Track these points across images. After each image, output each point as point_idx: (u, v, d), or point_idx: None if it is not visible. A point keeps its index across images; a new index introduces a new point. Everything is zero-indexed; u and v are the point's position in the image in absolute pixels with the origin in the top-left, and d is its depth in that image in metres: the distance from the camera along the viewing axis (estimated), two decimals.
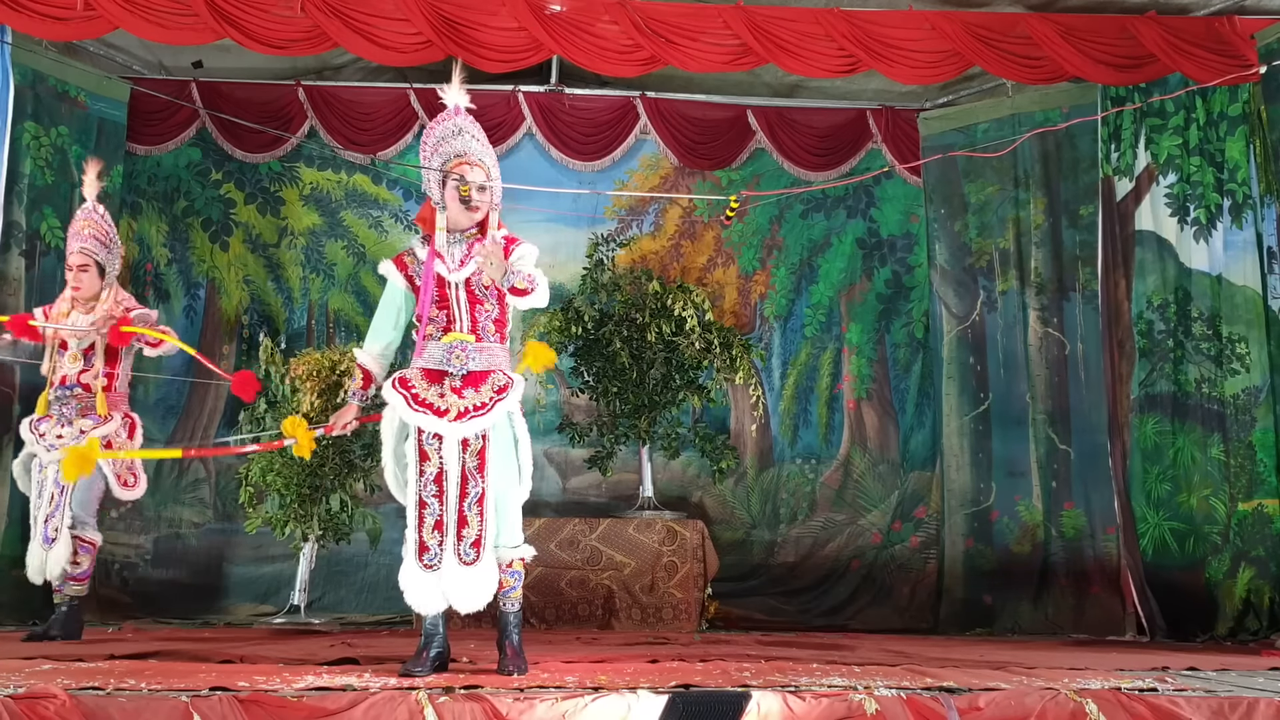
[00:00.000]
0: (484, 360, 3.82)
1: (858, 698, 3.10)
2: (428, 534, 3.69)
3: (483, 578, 3.66)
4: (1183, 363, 6.40)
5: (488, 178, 3.91)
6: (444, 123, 3.93)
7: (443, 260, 3.86)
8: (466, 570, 3.65)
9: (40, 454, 5.15)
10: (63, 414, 5.19)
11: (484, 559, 3.67)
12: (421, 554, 3.69)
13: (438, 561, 3.67)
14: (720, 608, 6.85)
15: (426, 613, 3.76)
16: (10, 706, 2.77)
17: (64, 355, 5.26)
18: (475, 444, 3.73)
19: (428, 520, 3.70)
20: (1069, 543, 6.88)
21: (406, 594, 3.71)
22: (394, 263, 3.99)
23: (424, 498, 3.72)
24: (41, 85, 6.79)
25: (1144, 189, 6.63)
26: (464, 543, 3.67)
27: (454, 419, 3.70)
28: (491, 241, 3.79)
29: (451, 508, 3.69)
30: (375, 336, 4.02)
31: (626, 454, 7.33)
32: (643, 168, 8.02)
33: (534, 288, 3.83)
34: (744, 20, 6.15)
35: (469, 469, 3.71)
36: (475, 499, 3.70)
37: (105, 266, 5.33)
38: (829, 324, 7.94)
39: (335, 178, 7.81)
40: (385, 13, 6.01)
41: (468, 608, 3.67)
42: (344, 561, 7.22)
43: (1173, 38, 6.08)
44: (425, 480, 3.72)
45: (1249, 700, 3.23)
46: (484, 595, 3.67)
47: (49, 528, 5.05)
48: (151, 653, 4.42)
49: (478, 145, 3.93)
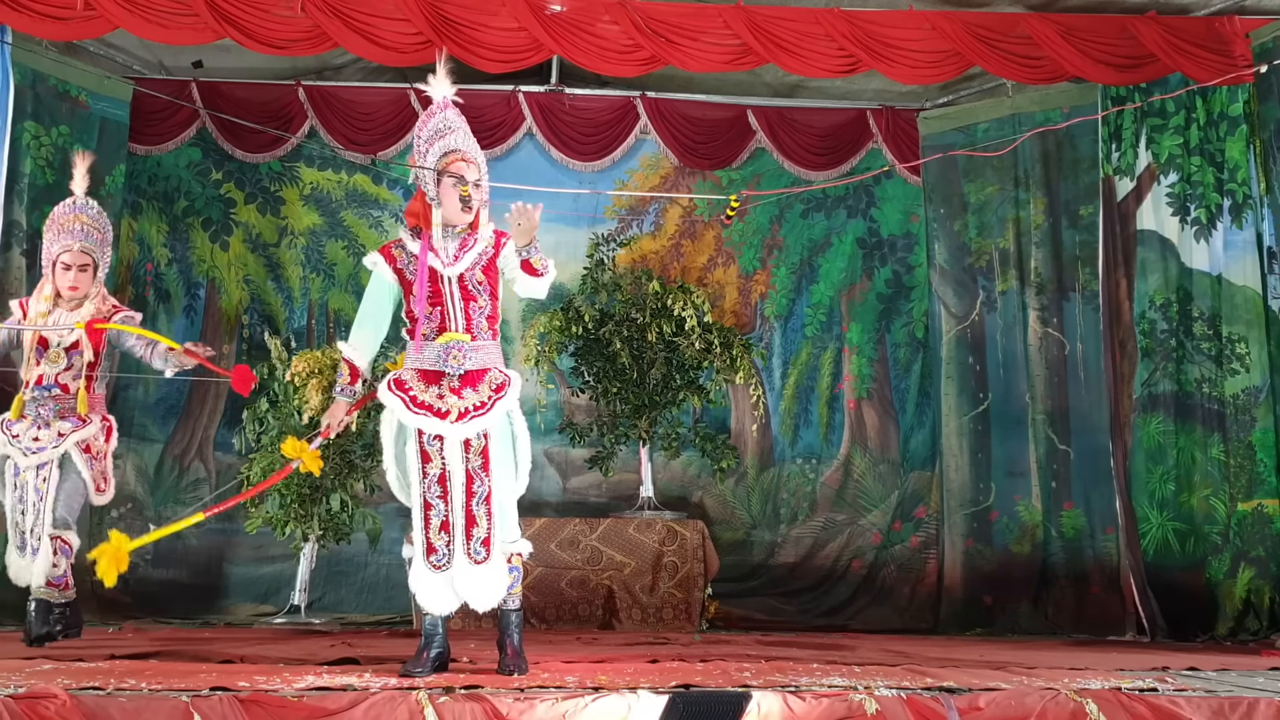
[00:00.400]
0: (480, 359, 3.82)
1: (858, 698, 3.10)
2: (434, 535, 3.71)
3: (494, 575, 3.70)
4: (1184, 362, 6.40)
5: (480, 174, 3.93)
6: (433, 117, 3.93)
7: (437, 255, 3.86)
8: (478, 569, 3.68)
9: (16, 457, 4.90)
10: (39, 415, 4.94)
11: (494, 557, 3.71)
12: (429, 555, 3.70)
13: (446, 562, 3.69)
14: (720, 608, 6.85)
15: (440, 613, 3.77)
16: (11, 706, 2.77)
17: (44, 354, 4.99)
18: (478, 443, 3.74)
19: (434, 521, 3.72)
20: (1068, 543, 6.88)
21: (418, 596, 3.73)
22: (381, 254, 3.95)
23: (429, 499, 3.73)
24: (42, 85, 6.78)
25: (1145, 188, 6.62)
26: (474, 541, 3.69)
27: (455, 420, 3.71)
28: (530, 206, 3.76)
29: (458, 508, 3.70)
30: (361, 328, 3.98)
31: (627, 454, 7.33)
32: (643, 167, 8.01)
33: (546, 271, 3.87)
34: (744, 20, 6.14)
35: (473, 469, 3.72)
36: (483, 498, 3.72)
37: (100, 265, 5.16)
38: (829, 323, 7.93)
39: (335, 177, 7.81)
40: (385, 13, 6.01)
41: (483, 606, 3.71)
42: (344, 561, 7.22)
43: (1173, 37, 6.08)
44: (429, 481, 3.73)
45: (1249, 700, 3.24)
46: (497, 592, 3.71)
47: (32, 537, 4.85)
48: (152, 653, 4.43)
49: (469, 141, 3.95)
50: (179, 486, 7.32)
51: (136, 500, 7.22)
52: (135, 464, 7.24)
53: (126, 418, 7.25)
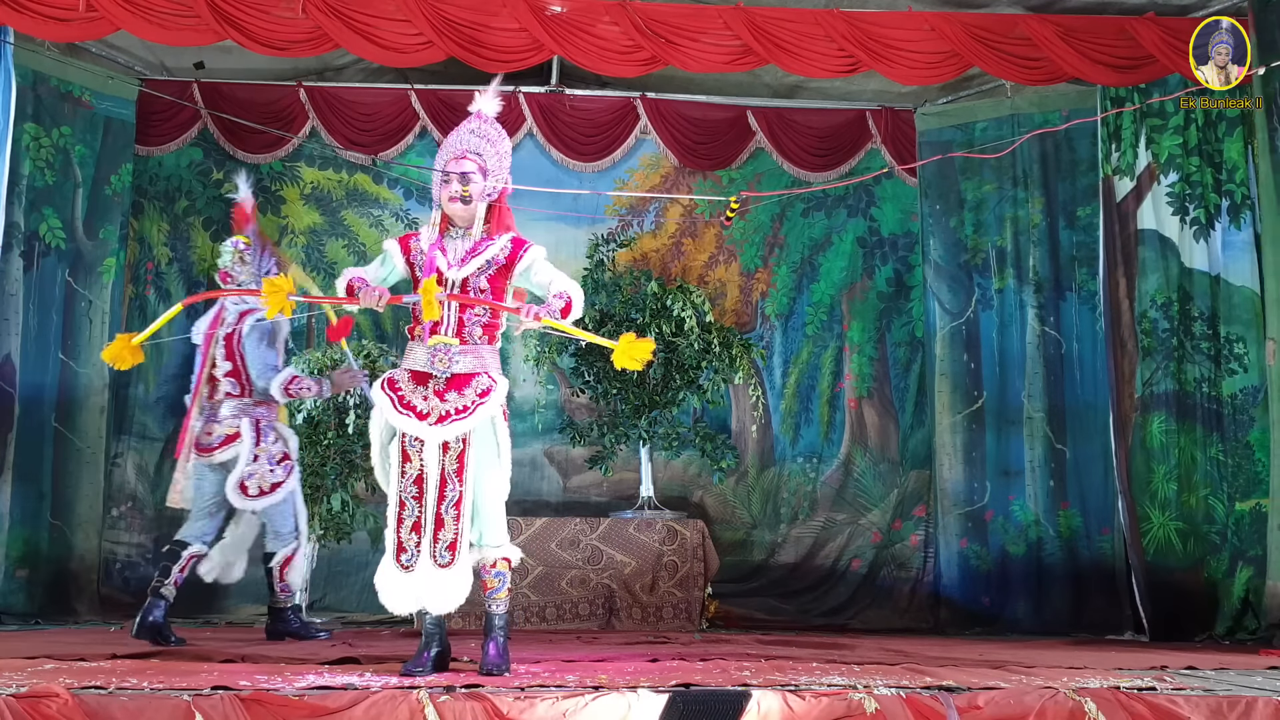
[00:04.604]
0: (468, 364, 3.81)
1: (857, 697, 3.11)
2: (405, 534, 3.71)
3: (456, 580, 3.67)
4: (1184, 362, 6.40)
5: (480, 169, 3.94)
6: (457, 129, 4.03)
7: (445, 256, 3.88)
8: (441, 572, 3.66)
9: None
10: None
11: (459, 562, 3.68)
12: (399, 554, 3.71)
13: (414, 562, 3.68)
14: (720, 607, 6.86)
15: (398, 613, 3.77)
16: (13, 705, 2.78)
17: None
18: (455, 447, 3.73)
19: (406, 521, 3.72)
20: (1065, 543, 6.89)
21: (380, 594, 3.73)
22: (399, 242, 4.01)
23: (404, 498, 3.74)
24: (43, 86, 6.79)
25: (1145, 188, 6.62)
26: (439, 545, 3.68)
27: (434, 422, 3.72)
28: (530, 316, 3.76)
29: (430, 510, 3.70)
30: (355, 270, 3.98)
31: (627, 453, 7.34)
32: (643, 167, 8.02)
33: (570, 301, 3.82)
34: (744, 21, 6.15)
35: (448, 472, 3.73)
36: (453, 502, 3.71)
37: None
38: (830, 323, 7.93)
39: (336, 177, 7.82)
40: (386, 14, 6.02)
41: (439, 609, 3.70)
42: (345, 561, 7.22)
43: (1172, 38, 6.09)
44: (406, 481, 3.75)
45: (1247, 699, 3.25)
46: (457, 597, 3.67)
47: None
48: (153, 652, 4.44)
49: (476, 140, 3.99)
50: None
51: (137, 499, 7.22)
52: (136, 462, 7.25)
53: (127, 416, 7.28)
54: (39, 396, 6.69)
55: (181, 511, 5.41)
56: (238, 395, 5.21)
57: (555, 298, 3.82)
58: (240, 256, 5.32)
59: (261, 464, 5.16)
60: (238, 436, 5.15)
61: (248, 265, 5.31)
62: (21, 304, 6.64)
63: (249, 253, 5.34)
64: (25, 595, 6.43)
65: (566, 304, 3.81)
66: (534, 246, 3.94)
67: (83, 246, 6.99)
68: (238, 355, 5.20)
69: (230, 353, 5.21)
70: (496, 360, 3.92)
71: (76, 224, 6.97)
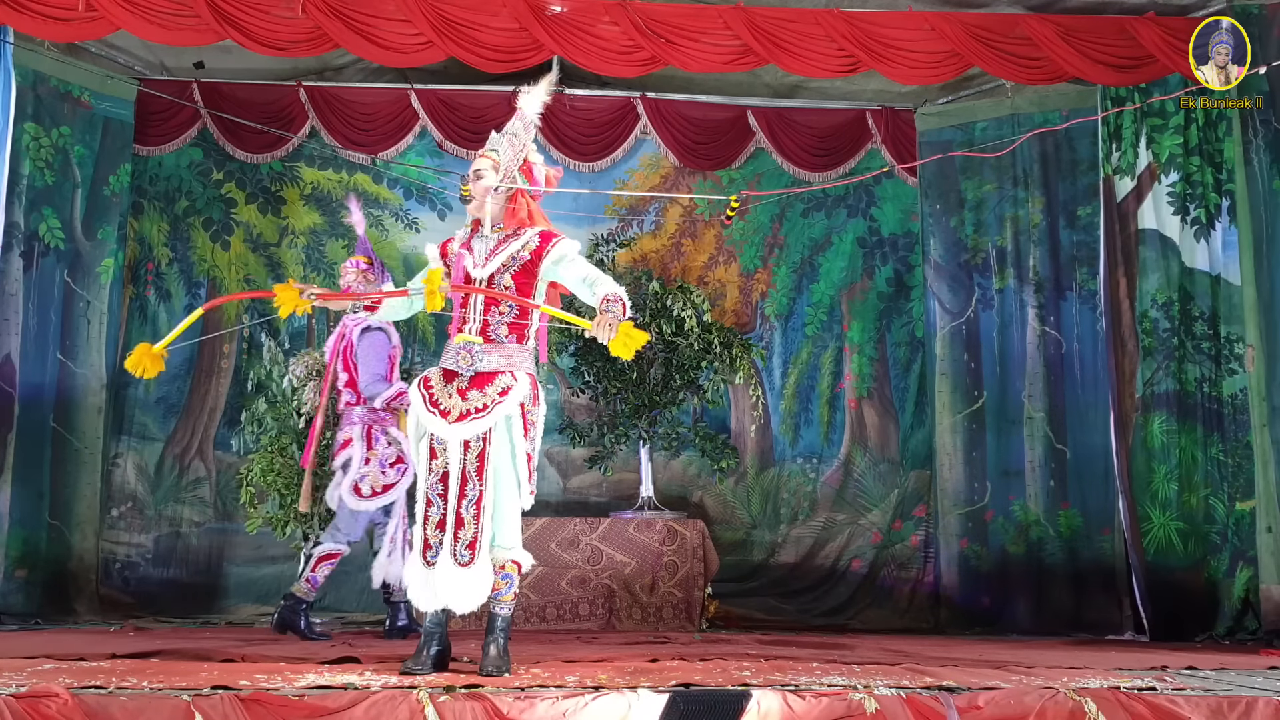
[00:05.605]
0: (493, 362, 3.82)
1: (857, 697, 3.11)
2: (431, 531, 3.74)
3: (477, 579, 3.67)
4: (1185, 362, 6.40)
5: (494, 165, 3.98)
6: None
7: (471, 254, 3.92)
8: (461, 571, 3.67)
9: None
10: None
11: (479, 561, 3.68)
12: (425, 551, 3.73)
13: (437, 559, 3.70)
14: (720, 607, 6.86)
15: (424, 609, 3.78)
16: (12, 705, 2.78)
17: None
18: (475, 446, 3.74)
19: (432, 518, 3.75)
20: (1066, 543, 6.89)
21: (409, 590, 3.76)
22: (439, 247, 4.09)
23: (430, 496, 3.77)
24: (43, 86, 6.79)
25: (1146, 188, 6.62)
26: (460, 544, 3.69)
27: (454, 421, 3.73)
28: (610, 318, 3.70)
29: (451, 508, 3.71)
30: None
31: (627, 453, 7.34)
32: (643, 167, 8.01)
33: (625, 304, 3.80)
34: (744, 21, 6.15)
35: (468, 470, 3.73)
36: (473, 500, 3.71)
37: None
38: (830, 323, 7.93)
39: (336, 177, 7.81)
40: (386, 14, 6.02)
41: (461, 608, 3.69)
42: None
43: (1172, 38, 6.09)
44: (433, 479, 3.77)
45: (1247, 699, 3.25)
46: (477, 597, 3.68)
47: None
48: (153, 652, 4.42)
49: (498, 137, 4.08)
50: (179, 485, 7.32)
51: (137, 499, 7.22)
52: (135, 462, 7.25)
53: (127, 416, 7.28)
54: (38, 396, 6.69)
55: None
56: (354, 404, 5.50)
57: (612, 302, 3.76)
58: (364, 275, 5.64)
59: (373, 466, 5.39)
60: (350, 443, 5.43)
61: (372, 283, 5.62)
62: (21, 304, 6.63)
63: (371, 271, 5.68)
64: (24, 595, 6.42)
65: (622, 308, 3.77)
66: (563, 240, 3.95)
67: (81, 247, 6.99)
68: (352, 365, 5.50)
69: (346, 363, 5.52)
70: (527, 359, 3.89)
71: (75, 224, 6.97)
